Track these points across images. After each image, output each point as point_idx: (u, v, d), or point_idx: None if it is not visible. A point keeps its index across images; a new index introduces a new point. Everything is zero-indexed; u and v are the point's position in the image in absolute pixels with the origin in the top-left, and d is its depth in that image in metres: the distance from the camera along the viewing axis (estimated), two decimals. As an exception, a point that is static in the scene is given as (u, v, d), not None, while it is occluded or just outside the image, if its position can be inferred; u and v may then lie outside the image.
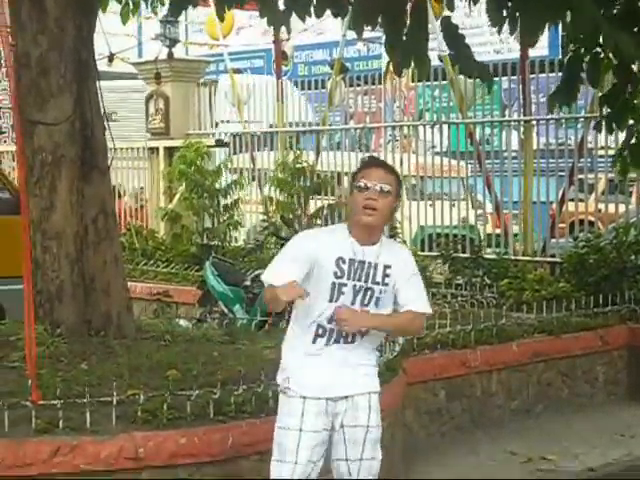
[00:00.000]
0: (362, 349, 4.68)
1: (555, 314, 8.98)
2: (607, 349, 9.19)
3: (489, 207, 12.78)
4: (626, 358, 9.32)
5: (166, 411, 5.40)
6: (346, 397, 4.63)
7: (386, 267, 4.63)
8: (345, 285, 4.60)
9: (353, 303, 4.60)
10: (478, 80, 12.12)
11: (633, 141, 8.06)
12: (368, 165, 4.76)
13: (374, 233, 4.65)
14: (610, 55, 7.26)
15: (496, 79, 12.40)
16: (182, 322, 9.05)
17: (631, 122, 7.99)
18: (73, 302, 7.24)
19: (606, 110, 7.90)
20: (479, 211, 12.84)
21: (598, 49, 7.23)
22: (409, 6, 7.25)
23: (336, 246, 4.62)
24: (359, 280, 4.61)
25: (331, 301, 4.60)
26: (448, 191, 12.78)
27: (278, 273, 4.55)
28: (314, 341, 4.63)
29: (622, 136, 8.39)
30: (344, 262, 4.59)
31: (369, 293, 4.62)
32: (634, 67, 7.51)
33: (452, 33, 7.17)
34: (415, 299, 4.69)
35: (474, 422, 8.14)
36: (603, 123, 7.91)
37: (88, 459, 5.03)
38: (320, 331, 4.63)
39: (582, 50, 7.36)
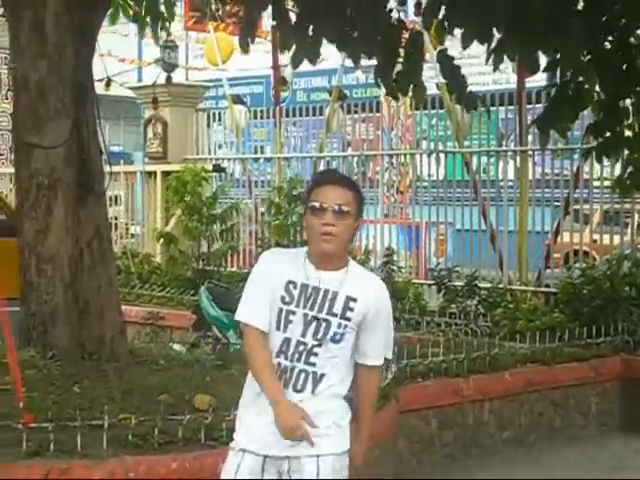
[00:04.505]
0: (322, 400, 3.92)
1: (548, 344, 8.98)
2: (600, 380, 9.19)
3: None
4: (619, 389, 9.32)
5: (157, 435, 5.41)
6: (288, 457, 3.89)
7: (350, 299, 3.93)
8: (294, 313, 3.94)
9: (304, 335, 3.92)
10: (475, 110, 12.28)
11: (630, 169, 8.02)
12: (322, 181, 4.02)
13: (334, 259, 3.97)
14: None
15: (493, 109, 12.58)
16: (176, 346, 9.04)
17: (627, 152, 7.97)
18: (67, 325, 7.24)
19: (593, 140, 7.96)
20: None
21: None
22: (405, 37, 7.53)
23: (290, 269, 3.99)
24: (311, 309, 3.93)
25: (278, 329, 3.97)
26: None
27: (254, 312, 4.05)
28: None
29: (617, 166, 8.36)
30: (295, 287, 3.96)
31: (323, 325, 3.92)
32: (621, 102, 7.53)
33: (448, 65, 7.44)
34: (376, 352, 4.02)
35: (466, 451, 8.12)
36: (593, 153, 7.95)
37: (79, 483, 5.03)
38: None
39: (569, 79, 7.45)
